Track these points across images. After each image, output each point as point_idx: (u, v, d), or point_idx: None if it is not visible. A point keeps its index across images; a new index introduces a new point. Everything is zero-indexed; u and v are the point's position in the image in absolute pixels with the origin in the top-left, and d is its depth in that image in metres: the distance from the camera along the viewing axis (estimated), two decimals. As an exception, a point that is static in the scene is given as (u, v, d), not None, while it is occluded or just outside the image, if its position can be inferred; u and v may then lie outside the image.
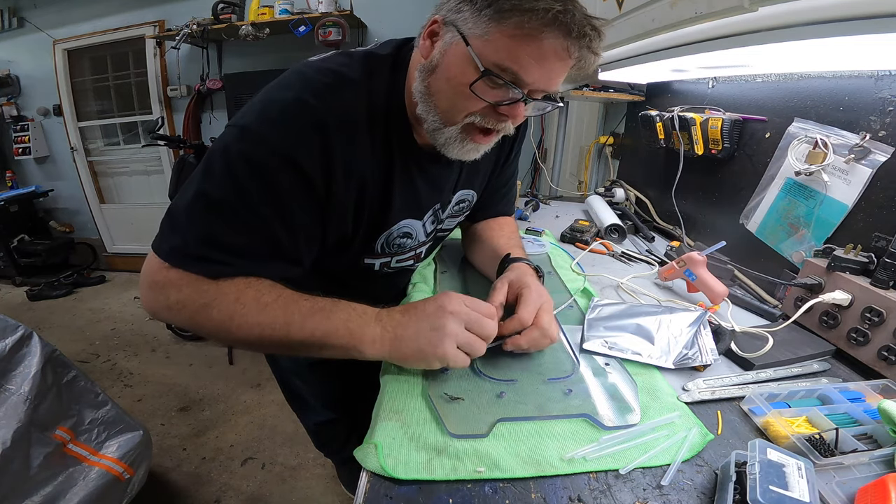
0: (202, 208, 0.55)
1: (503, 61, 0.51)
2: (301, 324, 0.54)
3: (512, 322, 0.61)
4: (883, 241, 0.67)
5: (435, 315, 0.54)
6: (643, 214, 1.47)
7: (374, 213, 0.66)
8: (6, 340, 1.10)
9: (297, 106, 0.55)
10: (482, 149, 0.63)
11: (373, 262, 0.75)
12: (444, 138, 0.60)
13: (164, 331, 2.61)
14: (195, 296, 0.54)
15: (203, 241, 0.54)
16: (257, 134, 0.54)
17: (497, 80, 0.52)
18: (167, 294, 0.55)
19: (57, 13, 3.18)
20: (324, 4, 2.53)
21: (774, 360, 0.65)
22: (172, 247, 0.55)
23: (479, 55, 0.51)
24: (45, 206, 3.80)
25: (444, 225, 0.86)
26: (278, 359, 1.08)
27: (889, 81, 0.70)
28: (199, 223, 0.55)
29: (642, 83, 1.59)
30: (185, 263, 0.54)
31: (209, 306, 0.54)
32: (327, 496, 1.55)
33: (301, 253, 0.61)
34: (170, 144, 2.41)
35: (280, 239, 0.58)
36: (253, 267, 0.57)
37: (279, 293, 0.57)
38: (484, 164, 0.83)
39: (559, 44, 0.50)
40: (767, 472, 0.40)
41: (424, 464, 0.45)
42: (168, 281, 0.55)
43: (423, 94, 0.58)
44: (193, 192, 0.55)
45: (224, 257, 0.55)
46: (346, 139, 0.57)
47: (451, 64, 0.55)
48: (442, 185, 0.75)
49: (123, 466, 1.26)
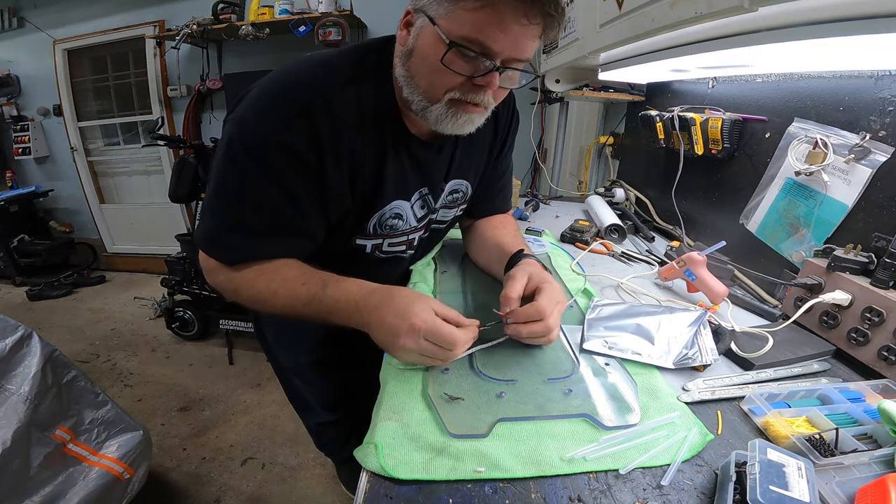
0: (218, 199, 0.64)
1: (468, 33, 0.54)
2: (303, 310, 0.64)
3: (529, 308, 0.61)
4: (883, 241, 0.67)
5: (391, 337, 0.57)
6: (643, 214, 1.46)
7: (366, 192, 0.70)
8: (6, 340, 1.10)
9: (286, 93, 0.61)
10: (476, 120, 0.64)
11: (364, 243, 0.77)
12: (434, 116, 0.62)
13: (164, 331, 2.61)
14: (227, 281, 0.67)
15: (221, 229, 0.65)
16: (252, 124, 0.61)
17: (466, 52, 0.55)
18: (214, 276, 0.68)
19: (57, 13, 3.18)
20: (324, 4, 2.53)
21: (774, 360, 0.65)
22: (200, 235, 0.67)
23: (446, 32, 0.55)
24: (45, 206, 3.80)
25: (439, 216, 0.87)
26: (279, 358, 1.08)
27: (889, 81, 0.70)
28: (218, 213, 0.65)
29: (642, 83, 1.59)
30: (212, 251, 0.66)
31: (238, 290, 0.66)
32: (327, 496, 1.55)
33: (313, 227, 0.69)
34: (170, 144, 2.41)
35: (289, 217, 0.65)
36: (269, 246, 0.66)
37: (283, 279, 0.65)
38: (477, 155, 0.84)
39: (516, 9, 0.53)
40: (767, 472, 0.40)
41: (424, 464, 0.45)
42: (209, 268, 0.68)
43: (405, 77, 0.63)
44: (211, 185, 0.64)
45: (240, 242, 0.64)
46: (333, 121, 0.62)
47: (424, 45, 0.59)
48: (430, 171, 0.76)
49: (123, 466, 1.26)
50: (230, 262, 0.66)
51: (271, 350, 1.08)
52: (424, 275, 0.90)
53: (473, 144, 0.81)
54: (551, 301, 0.63)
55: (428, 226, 0.85)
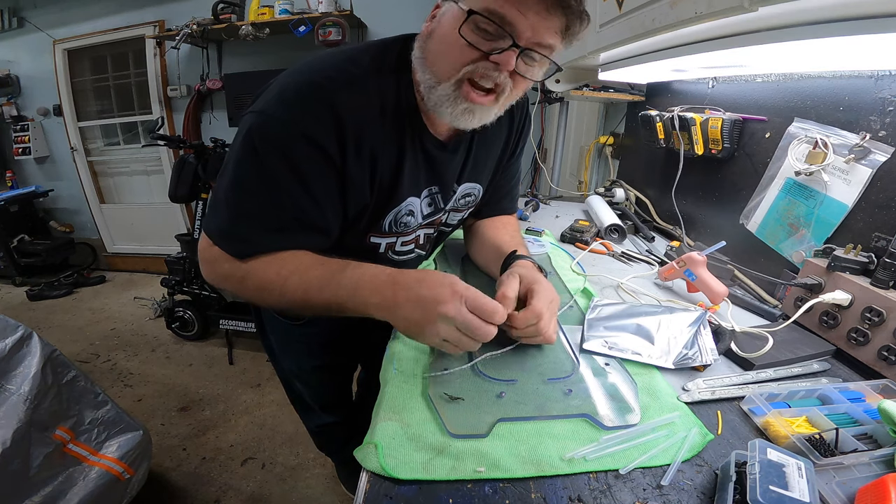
0: (233, 191, 0.62)
1: (489, 4, 0.54)
2: (317, 294, 0.60)
3: (527, 313, 0.61)
4: (883, 241, 0.67)
5: (430, 311, 0.53)
6: (643, 214, 1.46)
7: (384, 188, 0.69)
8: (6, 340, 1.10)
9: (311, 87, 0.59)
10: (477, 112, 0.62)
11: (379, 241, 0.76)
12: (437, 96, 0.61)
13: (164, 331, 2.61)
14: (234, 270, 0.63)
15: (235, 221, 0.62)
16: (274, 115, 0.59)
17: (485, 26, 0.55)
18: (215, 268, 0.65)
19: (57, 13, 3.18)
20: (324, 4, 2.53)
21: (774, 360, 0.65)
22: (214, 227, 0.64)
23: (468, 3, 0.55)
24: (45, 206, 3.80)
25: (449, 218, 0.86)
26: (281, 360, 1.08)
27: (889, 81, 0.70)
28: (233, 204, 0.62)
29: (642, 83, 1.59)
30: (222, 243, 0.63)
31: (245, 280, 0.63)
32: (327, 496, 1.55)
33: (330, 223, 0.67)
34: (170, 144, 2.41)
35: (308, 211, 0.63)
36: (284, 241, 0.63)
37: (297, 265, 0.62)
38: (490, 158, 0.84)
39: None
40: (767, 472, 0.40)
41: (424, 464, 0.45)
42: (214, 257, 0.64)
43: (420, 59, 0.63)
44: (227, 175, 0.62)
45: (255, 235, 0.62)
46: (357, 115, 0.61)
47: (444, 23, 0.59)
48: (443, 171, 0.76)
49: (123, 466, 1.26)
50: (242, 254, 0.63)
51: (274, 354, 1.08)
52: (425, 274, 0.90)
53: (488, 148, 0.81)
54: (544, 301, 0.63)
55: (434, 224, 0.84)
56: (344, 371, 1.17)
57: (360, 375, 1.42)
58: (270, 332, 1.04)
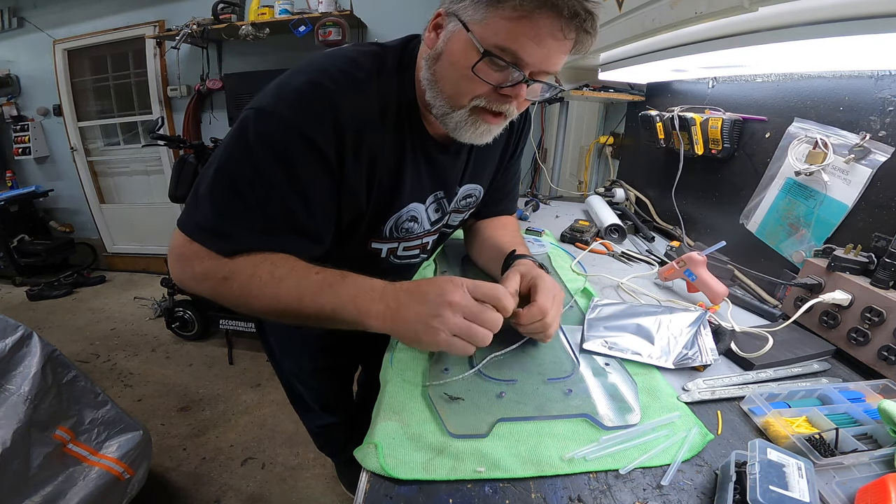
0: (221, 186, 0.58)
1: (502, 42, 0.53)
2: (312, 298, 0.57)
3: (532, 309, 0.61)
4: (883, 241, 0.67)
5: (435, 303, 0.53)
6: (643, 214, 1.47)
7: (384, 193, 0.68)
8: (6, 340, 1.10)
9: (311, 87, 0.58)
10: (494, 130, 0.64)
11: (380, 246, 0.76)
12: (455, 122, 0.62)
13: (164, 331, 2.61)
14: (216, 268, 0.58)
15: (221, 218, 0.58)
16: (273, 113, 0.57)
17: (498, 62, 0.54)
18: (192, 266, 0.59)
19: (57, 13, 3.18)
20: (324, 4, 2.53)
21: (774, 360, 0.65)
22: (194, 223, 0.59)
23: (480, 39, 0.54)
24: (45, 206, 3.80)
25: (450, 220, 0.86)
26: (281, 362, 1.08)
27: (889, 81, 0.70)
28: (218, 200, 0.58)
29: (642, 83, 1.59)
30: (205, 239, 0.58)
31: (229, 279, 0.58)
32: (327, 496, 1.55)
33: (320, 229, 0.64)
34: (170, 144, 2.41)
35: (297, 214, 0.60)
36: (270, 243, 0.60)
37: (292, 267, 0.59)
38: (491, 159, 0.84)
39: (553, 23, 0.52)
40: (767, 472, 0.40)
41: (424, 464, 0.45)
42: (191, 254, 0.59)
43: (430, 80, 0.61)
44: (213, 170, 0.59)
45: (241, 234, 0.59)
46: (357, 120, 0.60)
47: (455, 50, 0.57)
48: (447, 175, 0.76)
49: (123, 466, 1.26)
50: (226, 252, 0.59)
51: (274, 355, 1.08)
52: (424, 275, 0.90)
53: (489, 149, 0.80)
54: (549, 297, 0.62)
55: (440, 230, 0.84)
56: (344, 372, 1.17)
57: (360, 376, 1.42)
58: (270, 333, 1.04)
